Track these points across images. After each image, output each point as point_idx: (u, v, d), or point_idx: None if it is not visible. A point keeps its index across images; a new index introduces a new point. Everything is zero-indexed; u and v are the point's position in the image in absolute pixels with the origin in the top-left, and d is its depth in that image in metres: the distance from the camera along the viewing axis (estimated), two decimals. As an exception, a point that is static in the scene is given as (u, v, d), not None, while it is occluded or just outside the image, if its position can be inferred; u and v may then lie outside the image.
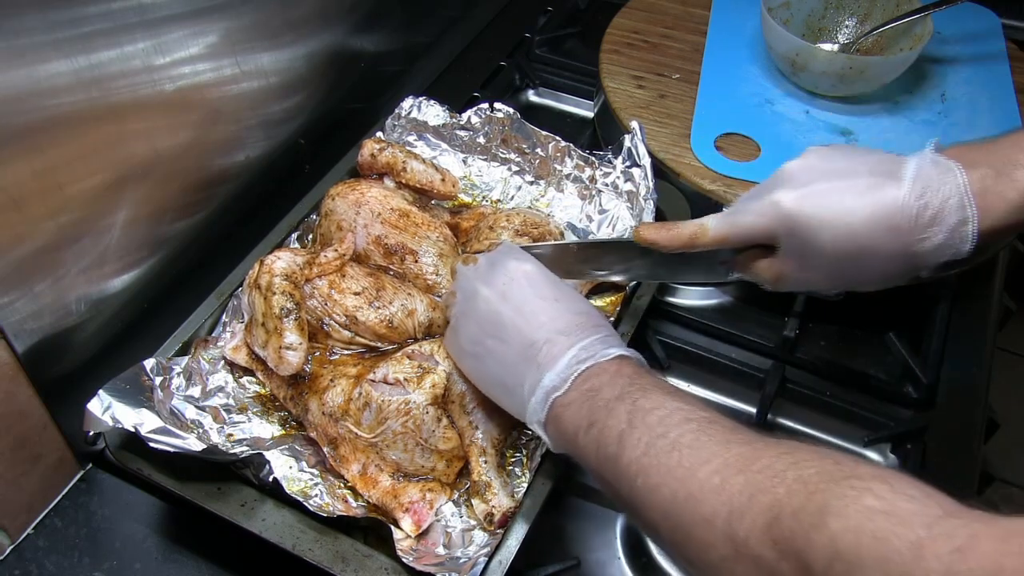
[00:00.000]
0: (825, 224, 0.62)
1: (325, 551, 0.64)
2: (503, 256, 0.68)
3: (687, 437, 0.51)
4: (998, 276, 0.96)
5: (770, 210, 0.64)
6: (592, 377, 0.58)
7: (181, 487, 0.67)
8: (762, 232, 0.66)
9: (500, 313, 0.64)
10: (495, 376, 0.64)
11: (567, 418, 0.58)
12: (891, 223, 0.61)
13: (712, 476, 0.48)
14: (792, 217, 0.63)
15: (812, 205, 0.63)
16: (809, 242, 0.63)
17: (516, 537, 0.66)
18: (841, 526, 0.40)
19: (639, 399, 0.55)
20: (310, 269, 0.75)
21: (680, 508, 0.49)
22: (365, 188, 0.82)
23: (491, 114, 0.94)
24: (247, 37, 0.82)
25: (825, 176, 0.64)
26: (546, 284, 0.65)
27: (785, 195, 0.64)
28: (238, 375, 0.77)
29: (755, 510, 0.45)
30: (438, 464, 0.69)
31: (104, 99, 0.68)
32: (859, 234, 0.61)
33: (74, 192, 0.68)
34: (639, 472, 0.52)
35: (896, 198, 0.60)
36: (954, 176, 0.60)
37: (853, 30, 1.05)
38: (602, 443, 0.55)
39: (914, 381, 0.85)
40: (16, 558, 0.72)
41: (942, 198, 0.60)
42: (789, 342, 0.87)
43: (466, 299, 0.68)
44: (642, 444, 0.52)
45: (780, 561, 0.43)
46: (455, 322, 0.69)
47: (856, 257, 0.63)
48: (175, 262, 0.82)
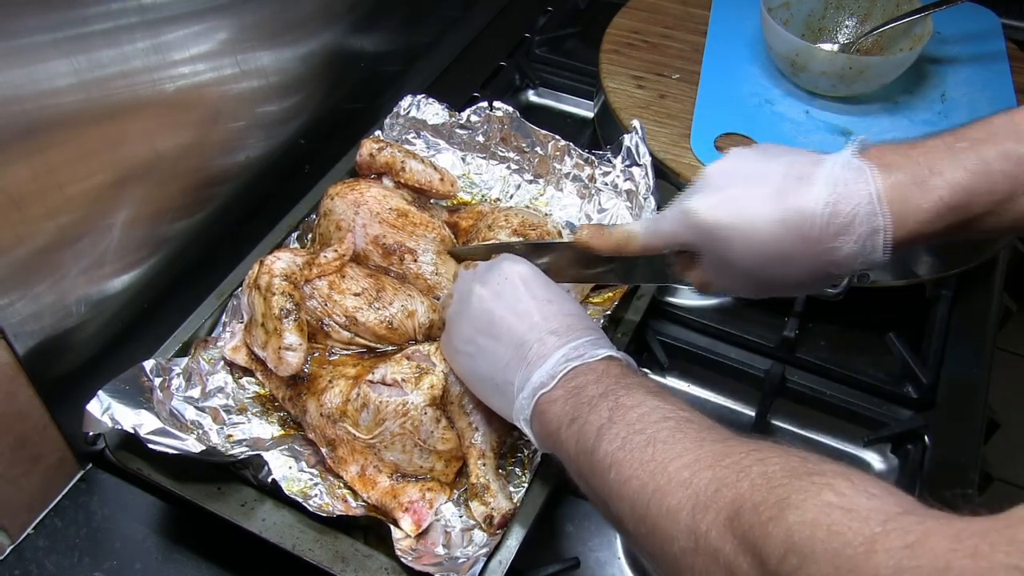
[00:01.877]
0: (736, 233, 0.60)
1: (325, 551, 0.64)
2: (500, 259, 0.69)
3: (663, 433, 0.51)
4: (998, 276, 0.96)
5: (684, 218, 0.62)
6: (579, 375, 0.59)
7: (181, 487, 0.67)
8: (680, 240, 0.64)
9: (492, 311, 0.65)
10: (486, 374, 0.65)
11: (551, 414, 0.59)
12: (800, 231, 0.58)
13: (682, 470, 0.48)
14: (705, 226, 0.61)
15: (724, 213, 0.60)
16: (723, 251, 0.61)
17: (516, 537, 0.66)
18: (798, 519, 0.41)
19: (622, 396, 0.56)
20: (310, 270, 0.75)
21: (647, 500, 0.49)
22: (364, 188, 0.82)
23: (490, 113, 0.94)
24: (247, 37, 0.82)
25: (740, 181, 0.61)
26: (540, 285, 0.66)
27: (699, 202, 0.62)
28: (238, 376, 0.77)
29: (719, 504, 0.45)
30: (437, 464, 0.69)
31: (104, 99, 0.68)
32: (768, 243, 0.59)
33: (74, 192, 0.68)
34: (612, 464, 0.52)
35: (805, 205, 0.57)
36: (866, 182, 0.56)
37: (853, 30, 1.05)
38: (582, 437, 0.55)
39: (914, 381, 0.85)
40: (16, 558, 0.72)
41: (852, 205, 0.56)
42: (789, 342, 0.87)
43: (461, 299, 0.69)
44: (619, 439, 0.53)
45: (738, 555, 0.43)
46: (449, 323, 0.70)
47: (770, 265, 0.60)
48: (175, 262, 0.82)
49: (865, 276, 0.84)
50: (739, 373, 0.87)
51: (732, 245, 0.60)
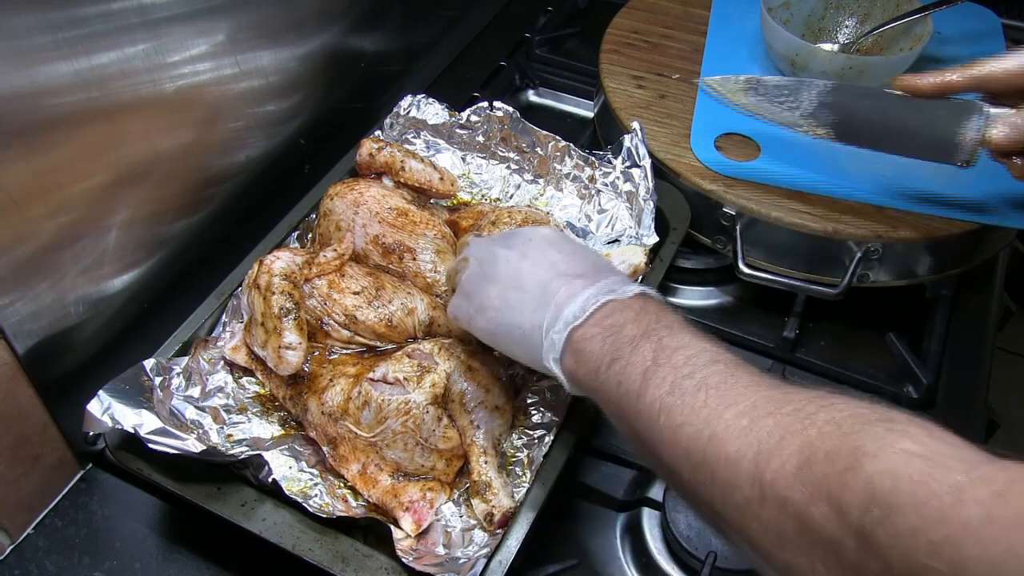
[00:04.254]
0: None
1: (325, 551, 0.64)
2: (520, 229, 0.70)
3: (714, 378, 0.51)
4: (998, 276, 0.96)
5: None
6: (615, 312, 0.58)
7: (181, 487, 0.67)
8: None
9: (520, 269, 0.65)
10: (513, 322, 0.64)
11: (588, 351, 0.58)
12: None
13: (739, 417, 0.47)
14: None
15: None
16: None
17: (516, 537, 0.66)
18: (877, 468, 0.40)
19: (665, 337, 0.55)
20: (309, 269, 0.75)
21: (704, 447, 0.48)
22: (363, 188, 0.82)
23: (490, 113, 0.94)
24: (247, 37, 0.82)
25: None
26: (565, 242, 0.67)
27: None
28: (238, 375, 0.77)
29: (785, 452, 0.44)
30: (438, 463, 0.69)
31: (104, 99, 0.68)
32: None
33: (74, 192, 0.68)
34: (662, 410, 0.51)
35: None
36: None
37: (853, 30, 1.05)
38: (624, 379, 0.55)
39: (914, 381, 0.85)
40: (16, 558, 0.72)
41: None
42: (789, 342, 0.87)
43: (482, 263, 0.68)
44: (667, 383, 0.52)
45: (810, 505, 0.42)
46: (468, 287, 0.69)
47: None
48: (175, 262, 0.82)
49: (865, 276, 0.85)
50: (739, 373, 0.87)
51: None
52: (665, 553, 0.74)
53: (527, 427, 0.74)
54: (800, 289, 0.87)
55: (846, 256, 0.85)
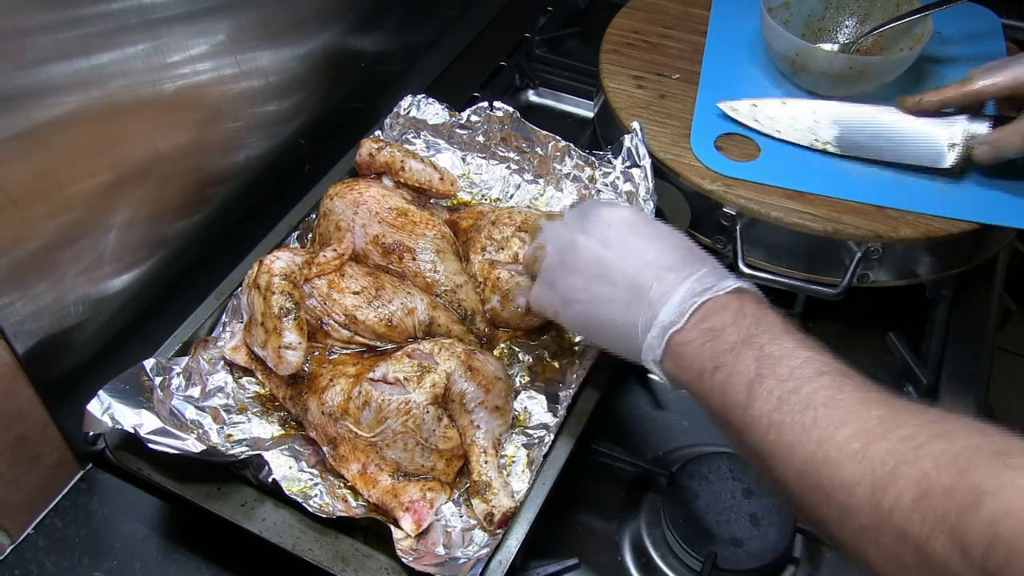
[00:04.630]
0: None
1: (325, 551, 0.64)
2: (595, 206, 0.68)
3: (821, 394, 0.50)
4: (998, 276, 0.96)
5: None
6: (712, 315, 0.58)
7: (181, 487, 0.67)
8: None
9: (604, 259, 0.64)
10: (605, 317, 0.64)
11: (689, 356, 0.58)
12: None
13: (851, 441, 0.47)
14: None
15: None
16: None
17: (516, 537, 0.66)
18: (998, 508, 0.39)
19: (767, 345, 0.54)
20: (309, 269, 0.75)
21: (817, 469, 0.48)
22: (363, 188, 0.82)
23: (490, 113, 0.94)
24: (247, 37, 0.82)
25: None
26: (645, 225, 0.65)
27: None
28: (238, 375, 0.77)
29: (900, 482, 0.44)
30: (438, 463, 0.69)
31: (104, 99, 0.68)
32: None
33: (74, 192, 0.68)
34: (771, 427, 0.51)
35: None
36: None
37: (853, 30, 1.05)
38: (729, 390, 0.54)
39: (914, 381, 0.85)
40: (16, 558, 0.72)
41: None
42: (789, 342, 0.87)
43: (562, 251, 0.67)
44: (773, 397, 0.51)
45: (930, 539, 0.42)
46: (550, 276, 0.68)
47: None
48: (175, 262, 0.82)
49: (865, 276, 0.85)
50: (739, 373, 0.87)
51: None
52: (665, 553, 0.74)
53: (527, 427, 0.74)
54: (800, 289, 0.86)
55: (846, 256, 0.85)
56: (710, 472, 0.75)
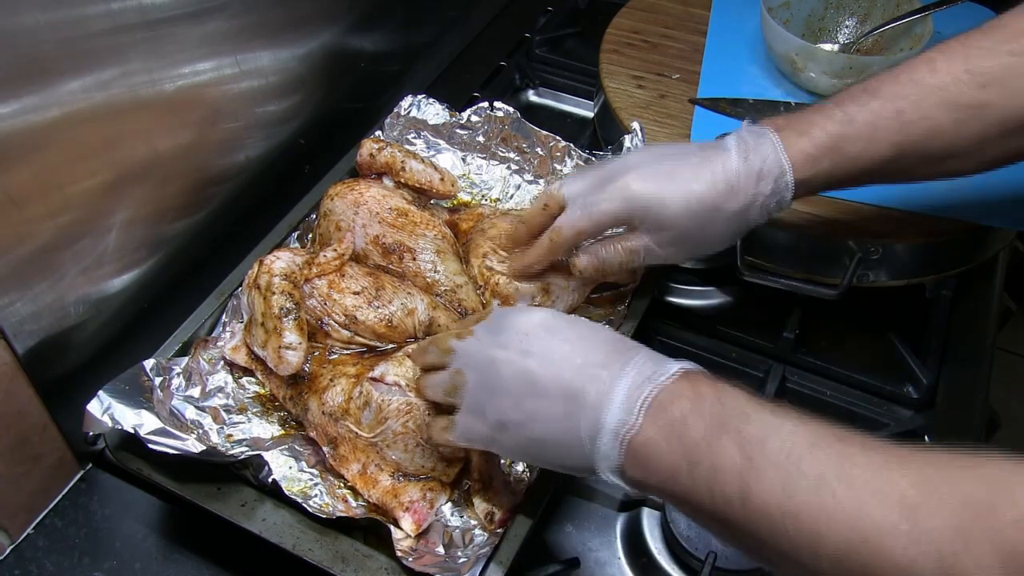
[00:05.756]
0: (675, 196, 0.69)
1: (325, 551, 0.64)
2: (505, 315, 0.63)
3: (830, 470, 0.46)
4: (998, 276, 0.96)
5: (622, 194, 0.70)
6: (668, 406, 0.52)
7: (181, 487, 0.67)
8: (617, 217, 0.71)
9: (529, 371, 0.58)
10: (545, 437, 0.58)
11: (655, 457, 0.52)
12: (729, 184, 0.68)
13: (890, 515, 0.43)
14: (644, 196, 0.69)
15: (660, 183, 0.69)
16: (662, 216, 0.69)
17: (516, 537, 0.66)
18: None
19: (743, 427, 0.50)
20: (309, 269, 0.75)
21: (860, 553, 0.44)
22: (364, 188, 0.82)
23: (490, 113, 0.94)
24: (247, 37, 0.82)
25: (662, 159, 0.71)
26: (566, 326, 0.60)
27: (633, 178, 0.70)
28: (238, 375, 0.77)
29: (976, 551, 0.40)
30: (438, 464, 0.69)
31: (104, 99, 0.68)
32: (704, 198, 0.68)
33: (74, 192, 0.68)
34: (785, 517, 0.47)
35: (726, 162, 0.69)
36: (768, 139, 0.68)
37: (853, 30, 1.05)
38: (717, 486, 0.49)
39: (914, 381, 0.85)
40: (16, 558, 0.72)
41: (762, 156, 0.68)
42: (789, 342, 0.87)
43: (481, 372, 0.61)
44: (776, 485, 0.47)
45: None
46: (473, 403, 0.61)
47: (703, 221, 0.69)
48: (175, 262, 0.82)
49: (865, 276, 0.85)
50: (739, 373, 0.87)
51: (671, 209, 0.69)
52: (665, 553, 0.74)
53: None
54: (800, 289, 0.86)
55: (846, 256, 0.85)
56: (710, 472, 0.75)
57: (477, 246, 0.82)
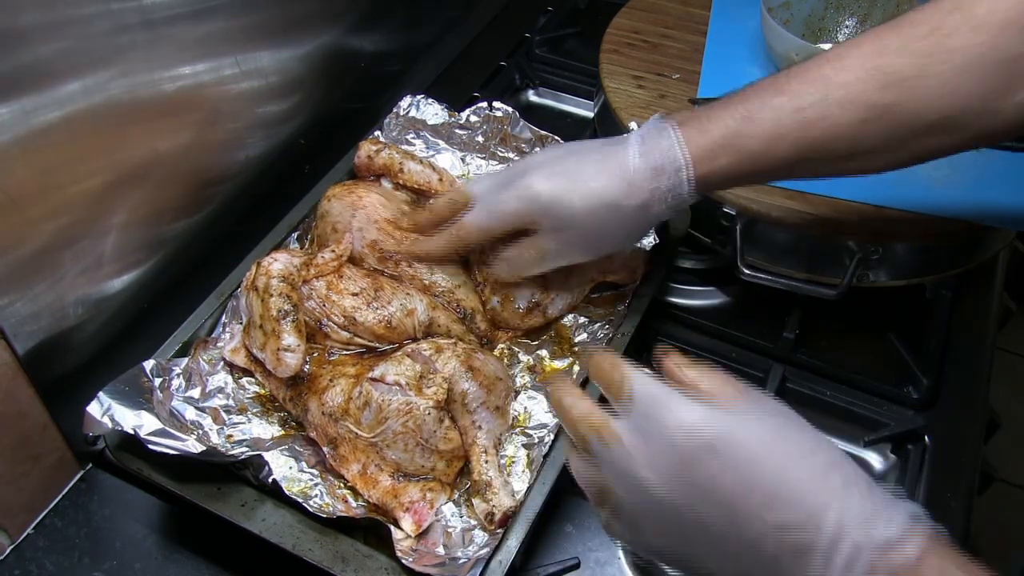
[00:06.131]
0: (575, 194, 0.69)
1: (325, 551, 0.64)
2: (659, 409, 0.49)
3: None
4: (998, 276, 0.96)
5: (525, 194, 0.70)
6: None
7: (181, 487, 0.67)
8: (520, 217, 0.72)
9: (697, 518, 0.47)
10: None
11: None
12: (626, 179, 0.68)
13: None
14: (546, 196, 0.70)
15: (561, 182, 0.70)
16: (564, 215, 0.70)
17: (516, 537, 0.66)
18: None
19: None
20: (307, 270, 0.75)
21: None
22: (362, 192, 0.82)
23: (490, 113, 0.94)
24: (247, 37, 0.82)
25: (565, 157, 0.72)
26: (780, 439, 0.48)
27: (535, 178, 0.70)
28: (238, 376, 0.77)
29: None
30: (438, 464, 0.69)
31: (104, 99, 0.68)
32: (605, 195, 0.69)
33: (74, 193, 0.68)
34: None
35: (626, 158, 0.69)
36: (669, 133, 0.68)
37: (853, 30, 1.05)
38: None
39: (914, 381, 0.85)
40: (16, 558, 0.72)
41: (661, 151, 0.67)
42: (789, 342, 0.87)
43: (629, 492, 0.50)
44: None
45: None
46: (629, 523, 0.52)
47: (603, 219, 0.70)
48: (175, 263, 0.82)
49: (865, 276, 0.85)
50: (739, 373, 0.86)
51: (573, 207, 0.69)
52: (665, 553, 0.74)
53: (527, 427, 0.74)
54: (800, 289, 0.86)
55: (846, 256, 0.85)
56: (710, 472, 0.75)
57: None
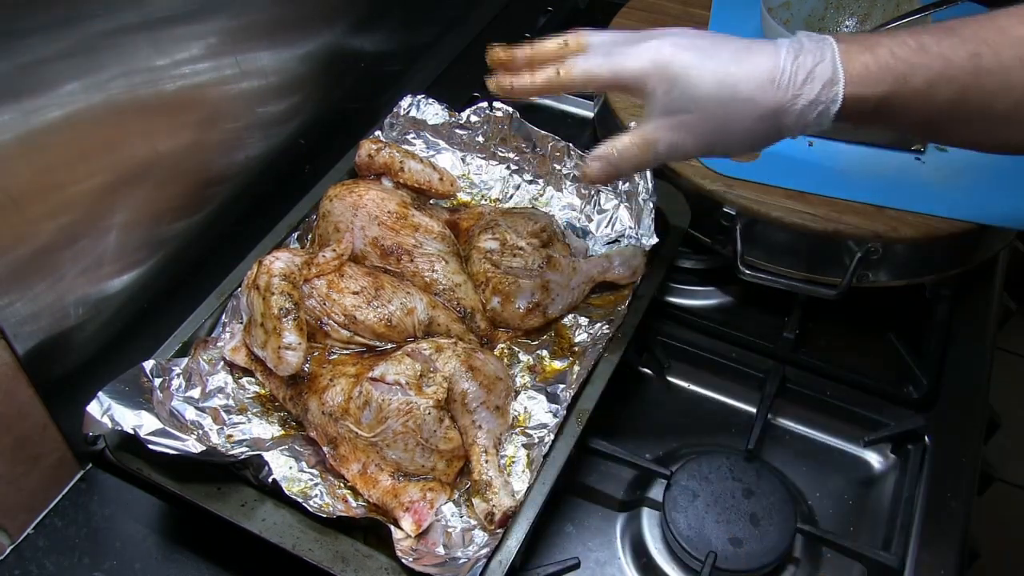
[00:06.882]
0: (710, 71, 0.63)
1: (325, 551, 0.64)
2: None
3: None
4: (998, 276, 0.96)
5: (654, 55, 0.64)
6: None
7: (181, 487, 0.67)
8: (639, 78, 0.64)
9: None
10: None
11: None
12: (771, 76, 0.62)
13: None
14: (676, 63, 0.63)
15: (696, 55, 0.63)
16: (689, 92, 0.63)
17: (516, 537, 0.66)
18: None
19: None
20: (308, 269, 0.75)
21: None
22: (363, 190, 0.82)
23: (490, 113, 0.94)
24: (247, 37, 0.82)
25: (705, 35, 0.66)
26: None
27: (667, 42, 0.64)
28: (238, 376, 0.77)
29: None
30: (438, 464, 0.69)
31: (104, 99, 0.68)
32: (740, 83, 0.62)
33: (74, 192, 0.68)
34: None
35: (774, 55, 0.63)
36: (828, 44, 0.63)
37: (853, 30, 1.05)
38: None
39: (914, 381, 0.85)
40: (16, 558, 0.72)
41: (814, 60, 0.62)
42: (789, 342, 0.87)
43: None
44: None
45: None
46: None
47: (731, 110, 0.63)
48: (175, 262, 0.82)
49: (865, 276, 0.85)
50: (739, 373, 0.87)
51: (703, 86, 0.62)
52: (665, 553, 0.74)
53: (527, 427, 0.74)
54: (800, 289, 0.87)
55: (846, 256, 0.85)
56: (710, 472, 0.75)
57: (477, 245, 0.82)
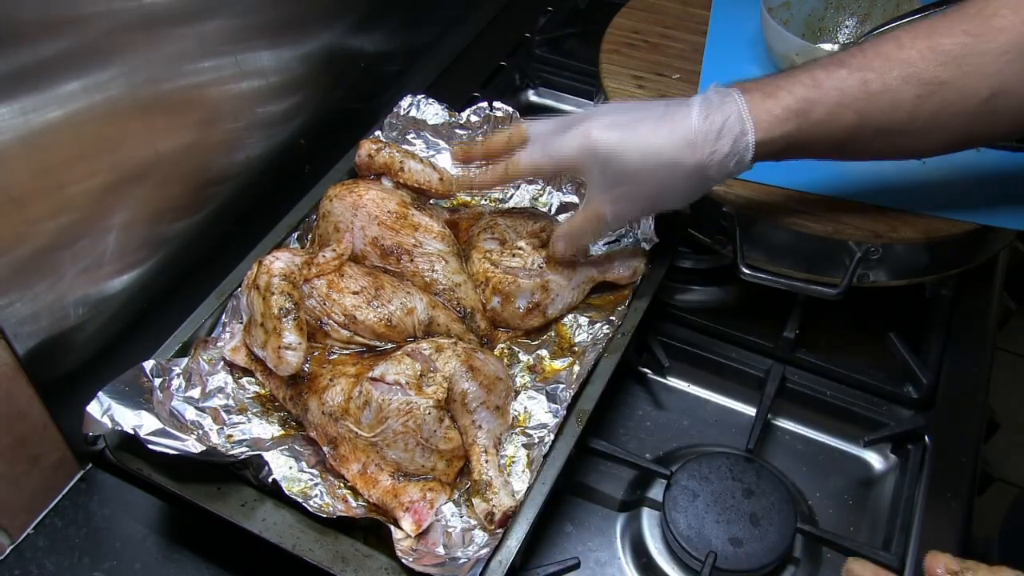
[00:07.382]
0: (632, 147, 0.70)
1: (325, 551, 0.64)
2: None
3: None
4: (998, 276, 0.96)
5: (584, 142, 0.71)
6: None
7: (181, 487, 0.67)
8: (575, 163, 0.73)
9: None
10: None
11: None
12: (686, 139, 0.69)
13: None
14: (603, 146, 0.71)
15: (621, 133, 0.71)
16: (620, 168, 0.71)
17: (516, 537, 0.66)
18: None
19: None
20: (308, 269, 0.75)
21: None
22: (363, 190, 0.82)
23: (490, 113, 0.94)
24: (247, 37, 0.82)
25: (627, 111, 0.73)
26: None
27: (595, 126, 0.72)
28: (238, 376, 0.77)
29: None
30: (438, 464, 0.69)
31: (104, 99, 0.68)
32: (662, 151, 0.70)
33: (74, 192, 0.68)
34: None
35: (687, 118, 0.70)
36: (733, 99, 0.70)
37: (853, 30, 1.05)
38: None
39: (914, 381, 0.85)
40: (16, 558, 0.72)
41: (723, 117, 0.69)
42: (789, 342, 0.87)
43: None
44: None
45: None
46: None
47: (660, 176, 0.71)
48: (175, 262, 0.82)
49: (865, 276, 0.85)
50: (739, 373, 0.87)
51: (629, 160, 0.70)
52: (665, 553, 0.74)
53: (527, 427, 0.74)
54: (800, 289, 0.86)
55: (846, 256, 0.85)
56: (710, 472, 0.75)
57: (477, 245, 0.82)
